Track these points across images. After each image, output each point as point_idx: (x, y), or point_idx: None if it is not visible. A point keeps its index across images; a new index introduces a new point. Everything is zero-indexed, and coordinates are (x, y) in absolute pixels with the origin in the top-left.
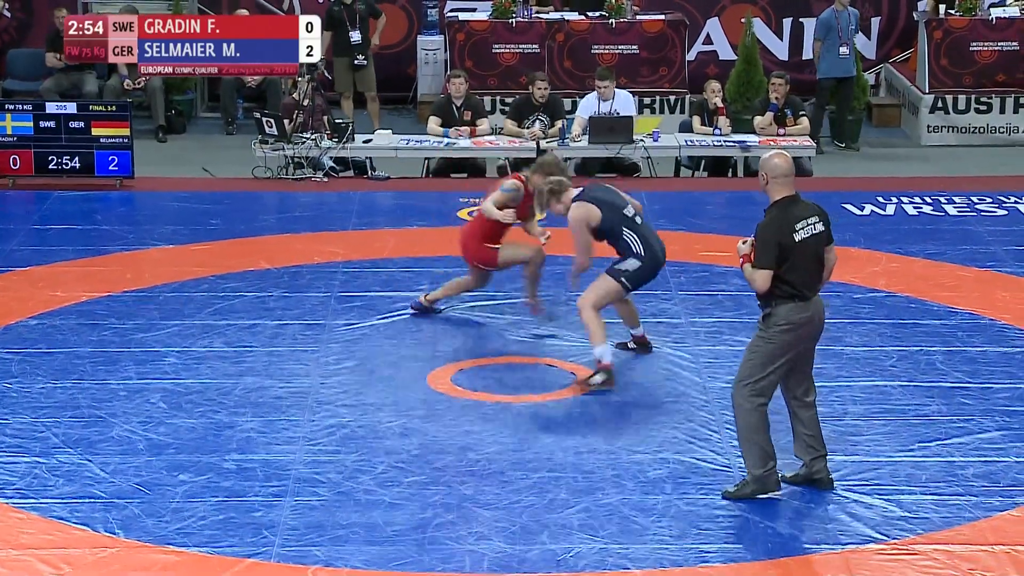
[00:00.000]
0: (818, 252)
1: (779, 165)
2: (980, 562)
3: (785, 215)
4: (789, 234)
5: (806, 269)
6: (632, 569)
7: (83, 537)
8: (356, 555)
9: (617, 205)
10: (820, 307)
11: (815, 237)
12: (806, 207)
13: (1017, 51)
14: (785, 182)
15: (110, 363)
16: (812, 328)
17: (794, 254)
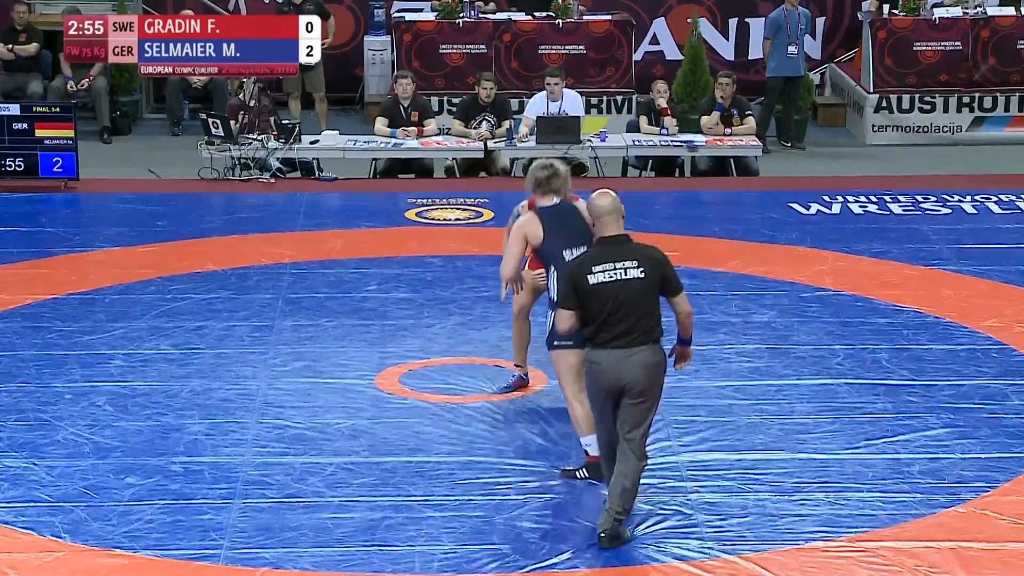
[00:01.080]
0: (631, 299)
1: (600, 205)
2: (926, 558)
3: (593, 255)
4: (584, 275)
5: (606, 315)
6: (581, 569)
7: (29, 542)
8: (306, 557)
9: (562, 244)
10: (636, 364)
11: (623, 284)
12: (625, 250)
13: (960, 51)
14: (609, 221)
15: (55, 366)
16: (608, 380)
17: (589, 297)
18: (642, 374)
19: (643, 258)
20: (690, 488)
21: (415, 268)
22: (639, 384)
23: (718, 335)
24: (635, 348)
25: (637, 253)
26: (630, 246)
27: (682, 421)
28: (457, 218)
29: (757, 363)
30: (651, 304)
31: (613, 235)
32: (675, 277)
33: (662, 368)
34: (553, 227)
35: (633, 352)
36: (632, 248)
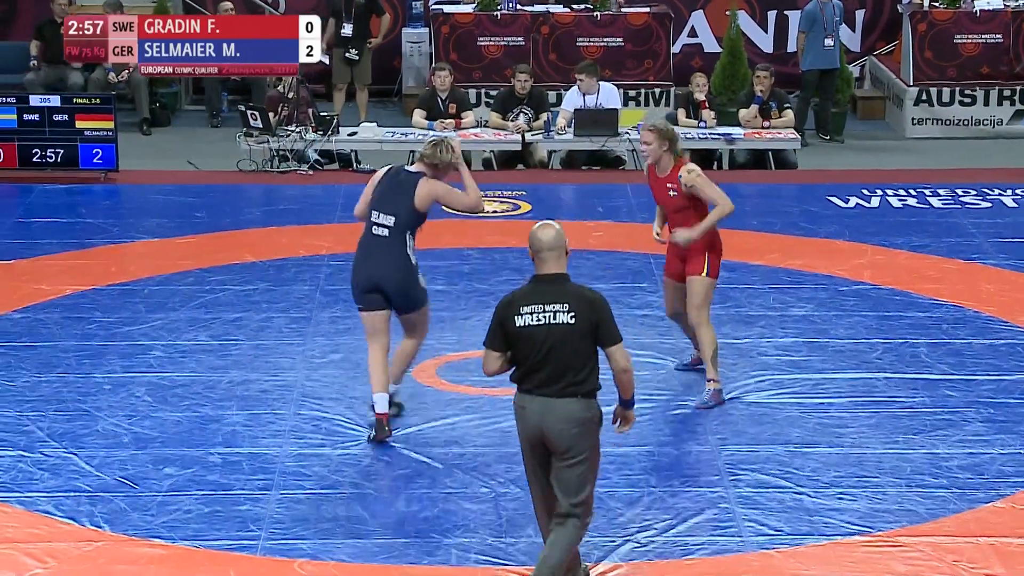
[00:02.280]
0: (559, 345)
1: (541, 239)
2: (965, 554)
3: (523, 294)
4: (512, 316)
5: (533, 361)
6: (618, 562)
7: (69, 531)
8: (342, 548)
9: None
10: (560, 417)
11: (553, 328)
12: (558, 292)
13: (1001, 43)
14: (549, 257)
15: (95, 356)
16: (532, 429)
17: (517, 340)
18: (566, 429)
19: (576, 302)
20: (727, 481)
21: (452, 260)
22: (563, 440)
23: (755, 328)
24: (561, 399)
25: (570, 296)
26: (565, 287)
27: (719, 415)
28: (494, 210)
29: (795, 357)
30: (582, 353)
31: (551, 273)
32: (612, 326)
33: (593, 425)
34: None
35: (557, 403)
36: (566, 290)
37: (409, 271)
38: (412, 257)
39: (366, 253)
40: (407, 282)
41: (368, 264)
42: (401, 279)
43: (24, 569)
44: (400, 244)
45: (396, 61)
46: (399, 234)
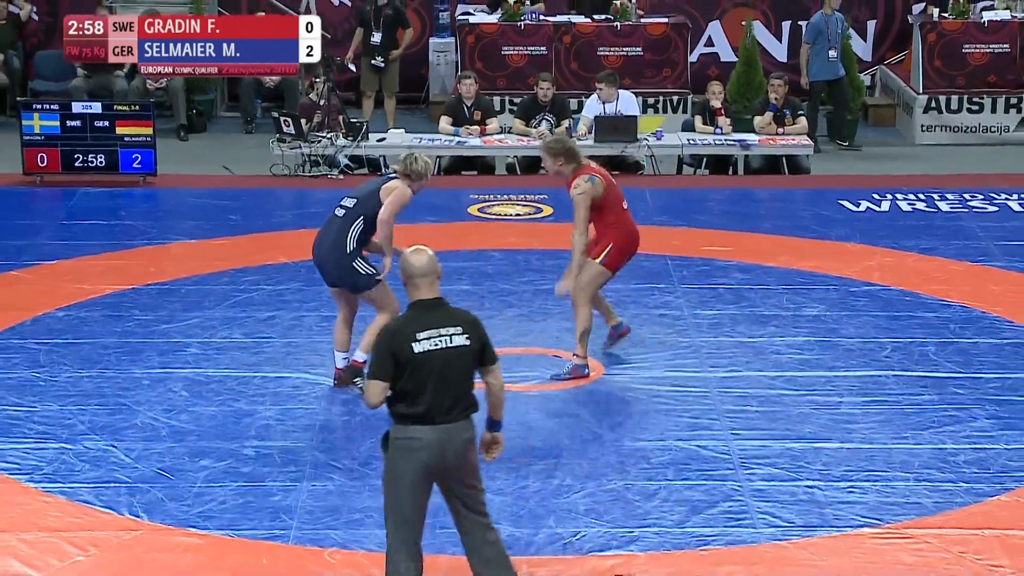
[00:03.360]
0: (455, 369)
1: (413, 264)
2: (971, 545)
3: (412, 321)
4: (407, 343)
5: (432, 388)
6: (635, 552)
7: (108, 520)
8: (370, 538)
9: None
10: (458, 441)
11: (449, 352)
12: (447, 316)
13: (1008, 53)
14: (425, 283)
15: (134, 353)
16: (435, 458)
17: (413, 367)
18: (464, 451)
19: (466, 324)
20: (741, 475)
21: (476, 261)
22: (462, 459)
23: (769, 327)
24: (458, 423)
25: (460, 318)
26: (450, 311)
27: (733, 410)
28: (517, 213)
29: (807, 355)
30: (471, 374)
31: (431, 299)
32: (491, 344)
33: (474, 442)
34: None
35: (457, 427)
36: (453, 313)
37: (341, 251)
38: (351, 244)
39: (320, 233)
40: (338, 260)
41: (316, 243)
42: (333, 256)
43: (66, 557)
44: (347, 226)
45: (423, 69)
46: (353, 216)
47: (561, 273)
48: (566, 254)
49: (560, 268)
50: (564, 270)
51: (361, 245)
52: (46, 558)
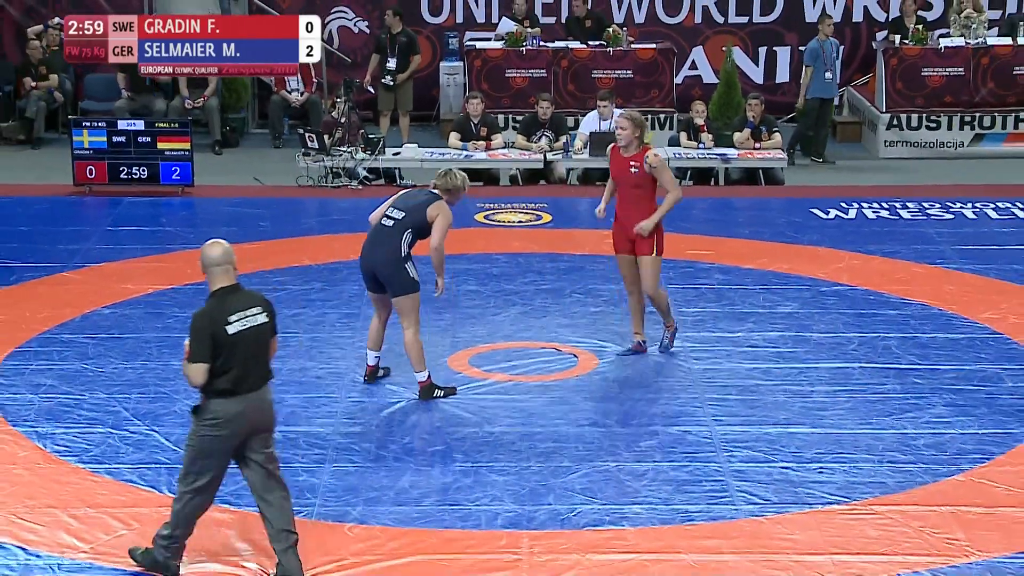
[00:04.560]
0: (258, 344)
1: (211, 255)
2: (929, 520)
3: (220, 306)
4: (223, 326)
5: (243, 363)
6: (626, 527)
7: (150, 497)
8: (387, 514)
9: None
10: (259, 401)
11: (254, 330)
12: (247, 298)
13: (962, 76)
14: (221, 272)
15: (173, 347)
16: (244, 424)
17: (228, 347)
18: (269, 413)
19: (263, 303)
20: (722, 457)
21: (483, 264)
22: (271, 421)
23: (747, 324)
24: (262, 390)
25: (258, 300)
26: (249, 294)
27: (715, 399)
28: (520, 220)
29: (781, 348)
30: (269, 346)
31: (229, 285)
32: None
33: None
34: None
35: (260, 393)
36: (251, 296)
37: (398, 259)
38: (404, 249)
39: (369, 241)
40: (395, 266)
41: (366, 250)
42: (390, 263)
43: (111, 531)
44: (398, 236)
45: (434, 91)
46: (402, 228)
47: (560, 274)
48: (565, 257)
49: (558, 270)
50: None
51: (410, 255)
52: (94, 532)
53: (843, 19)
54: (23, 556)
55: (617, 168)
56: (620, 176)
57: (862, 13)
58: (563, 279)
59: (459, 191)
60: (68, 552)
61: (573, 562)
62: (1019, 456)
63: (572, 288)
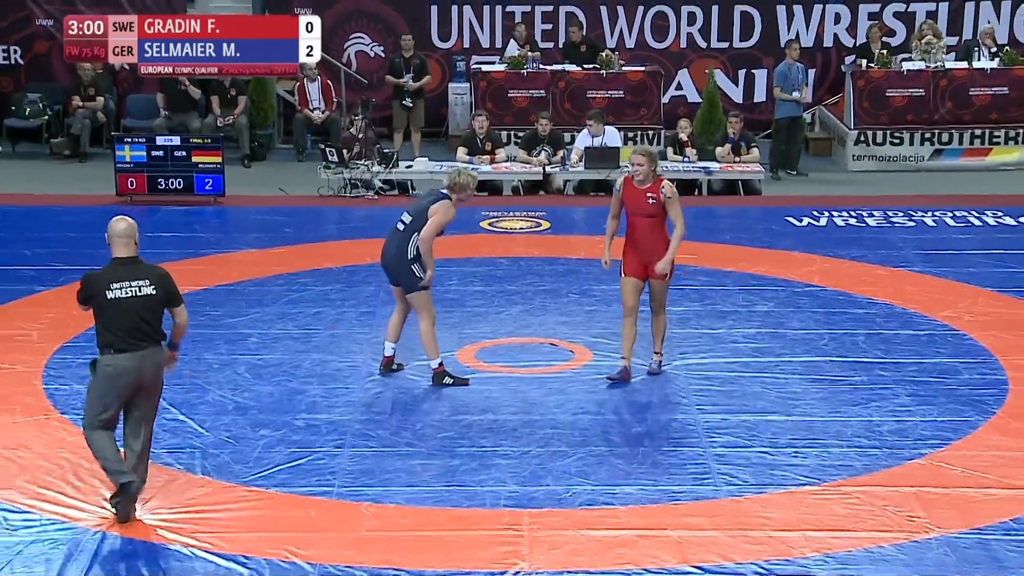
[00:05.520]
0: (144, 310)
1: (115, 228)
2: (893, 500)
3: (109, 272)
4: (102, 290)
5: (123, 324)
6: (618, 506)
7: (185, 479)
8: (399, 494)
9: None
10: (150, 364)
11: (137, 299)
12: (138, 270)
13: (923, 97)
14: (121, 244)
15: (205, 341)
16: (132, 380)
17: (108, 309)
18: (156, 370)
19: (153, 276)
20: (705, 443)
21: (487, 267)
22: (155, 378)
23: (728, 321)
24: (150, 350)
25: (148, 273)
26: (141, 266)
27: (699, 390)
28: (521, 227)
29: (759, 344)
30: (158, 314)
31: (126, 256)
32: (177, 292)
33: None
34: None
35: (149, 354)
36: (143, 268)
37: (404, 257)
38: (411, 251)
39: (386, 243)
40: (400, 265)
41: (383, 250)
42: (397, 261)
43: (149, 507)
44: (406, 239)
45: (443, 109)
46: (409, 232)
47: (557, 276)
48: (562, 260)
49: (556, 272)
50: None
51: (418, 253)
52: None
53: (814, 44)
54: (72, 532)
55: (633, 201)
56: (637, 208)
57: (832, 39)
58: (560, 281)
59: (464, 189)
60: (109, 526)
61: (569, 538)
62: (974, 441)
63: (568, 289)
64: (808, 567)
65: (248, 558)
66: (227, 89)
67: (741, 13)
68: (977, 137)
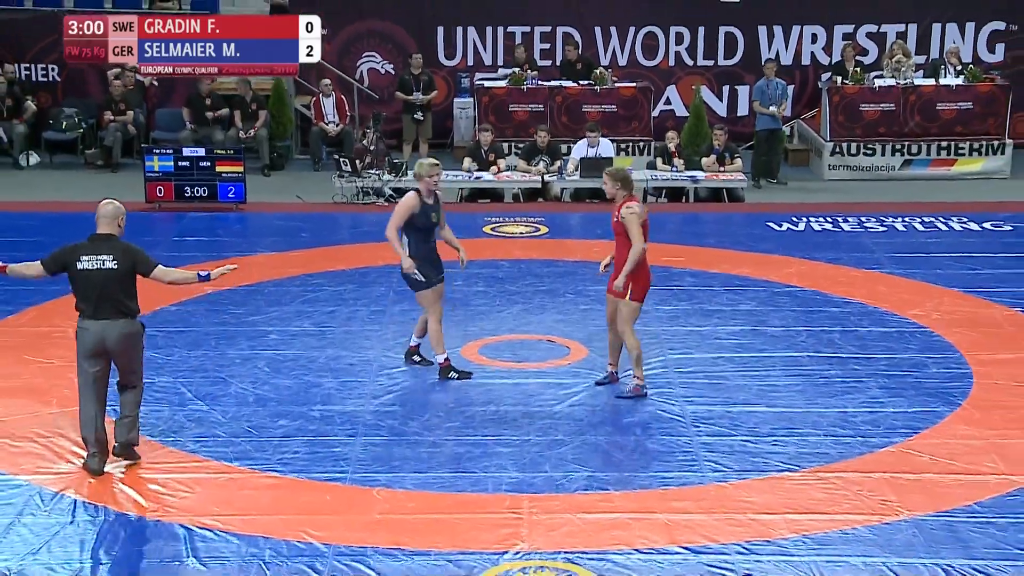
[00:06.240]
0: (107, 282)
1: (102, 208)
2: (865, 484)
3: (82, 247)
4: (73, 262)
5: (89, 294)
6: (611, 491)
7: (208, 465)
8: (408, 480)
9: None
10: (113, 332)
11: (101, 272)
12: (107, 246)
13: (894, 111)
14: (104, 223)
15: (229, 338)
16: (97, 344)
17: (78, 280)
18: (121, 340)
19: (118, 252)
20: (692, 432)
21: (490, 269)
22: (120, 346)
23: (713, 319)
24: (115, 320)
25: (115, 249)
26: (111, 243)
27: (686, 383)
28: (521, 232)
29: (742, 340)
30: (125, 287)
31: (103, 233)
32: (145, 260)
33: (137, 336)
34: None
35: (113, 324)
36: (112, 245)
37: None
38: (405, 249)
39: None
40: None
41: None
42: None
43: (177, 493)
44: (402, 243)
45: (448, 122)
46: (401, 235)
47: (555, 278)
48: (559, 263)
49: (556, 275)
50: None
51: (415, 255)
52: (162, 494)
53: (793, 62)
54: (104, 514)
55: (612, 218)
56: (612, 225)
57: (809, 58)
58: (558, 282)
59: (421, 177)
60: (144, 511)
61: (566, 520)
62: (941, 431)
63: (565, 289)
64: (787, 547)
65: (268, 539)
66: (248, 104)
67: (725, 34)
68: (944, 149)
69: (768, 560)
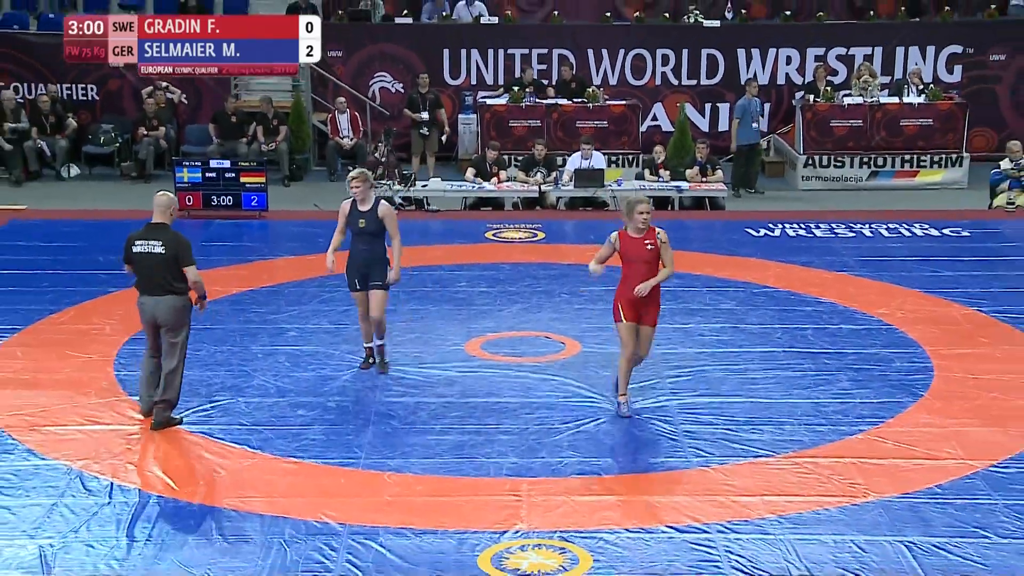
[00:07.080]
0: (154, 264)
1: (157, 199)
2: (836, 469)
3: (139, 232)
4: (130, 246)
5: (143, 273)
6: (603, 475)
7: (234, 451)
8: (417, 465)
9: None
10: (164, 307)
11: (151, 256)
12: (159, 233)
13: (862, 127)
14: (158, 212)
15: (252, 335)
16: (149, 316)
17: (135, 261)
18: (171, 313)
19: (167, 240)
20: (677, 421)
21: (491, 271)
22: (169, 320)
23: (696, 317)
24: (164, 296)
25: (165, 237)
26: (164, 231)
27: (672, 376)
28: (520, 237)
29: (723, 336)
30: (172, 270)
31: (156, 223)
32: (186, 253)
33: (186, 309)
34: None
35: (163, 299)
36: (163, 232)
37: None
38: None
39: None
40: None
41: None
42: None
43: (205, 476)
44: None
45: (454, 137)
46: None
47: (551, 279)
48: (555, 265)
49: (552, 277)
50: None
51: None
52: (191, 477)
53: (769, 82)
54: (138, 496)
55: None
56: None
57: (784, 78)
58: (554, 283)
59: (348, 185)
60: (175, 493)
61: (562, 502)
62: (905, 419)
63: (560, 290)
64: (764, 526)
65: (288, 519)
66: (270, 121)
67: (707, 56)
68: (907, 161)
69: (747, 538)
